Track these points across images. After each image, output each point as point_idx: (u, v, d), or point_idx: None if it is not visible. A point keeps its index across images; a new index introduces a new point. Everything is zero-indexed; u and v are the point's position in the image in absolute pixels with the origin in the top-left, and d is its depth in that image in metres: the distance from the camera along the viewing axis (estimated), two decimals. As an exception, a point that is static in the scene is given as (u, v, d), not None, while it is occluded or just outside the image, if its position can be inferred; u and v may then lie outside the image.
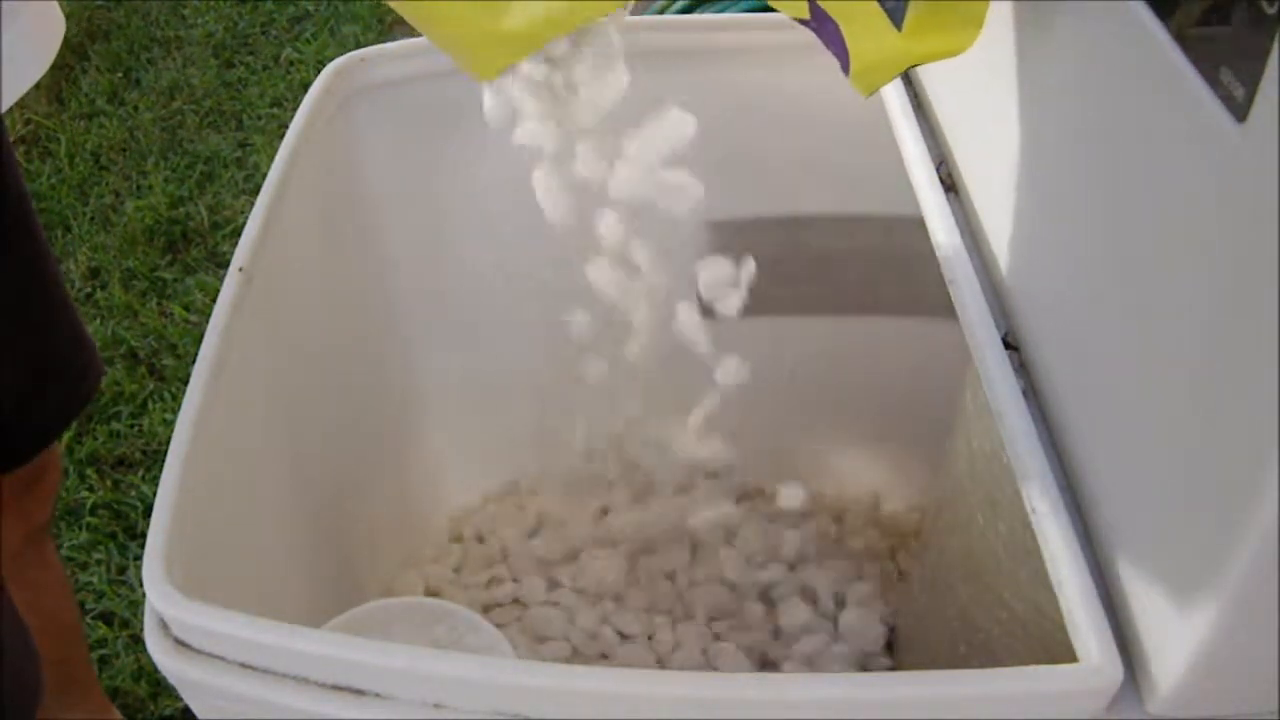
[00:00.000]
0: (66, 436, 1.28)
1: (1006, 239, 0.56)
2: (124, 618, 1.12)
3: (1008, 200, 0.56)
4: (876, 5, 0.49)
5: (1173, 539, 0.40)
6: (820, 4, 0.54)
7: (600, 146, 0.64)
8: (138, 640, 1.09)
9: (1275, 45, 0.33)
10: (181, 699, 0.52)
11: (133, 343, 1.41)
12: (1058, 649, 0.44)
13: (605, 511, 0.92)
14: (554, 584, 0.86)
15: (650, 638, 0.83)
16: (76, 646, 0.93)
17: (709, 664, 0.81)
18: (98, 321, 1.44)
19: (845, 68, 0.54)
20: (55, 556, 0.89)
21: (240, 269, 0.62)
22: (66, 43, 2.02)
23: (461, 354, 0.93)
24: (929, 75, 0.69)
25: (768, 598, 0.85)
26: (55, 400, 0.78)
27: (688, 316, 0.69)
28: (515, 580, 0.89)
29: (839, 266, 0.89)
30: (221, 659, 0.47)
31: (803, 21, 0.56)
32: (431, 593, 0.88)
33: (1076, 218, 0.48)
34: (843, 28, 0.52)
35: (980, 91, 0.58)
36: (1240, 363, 0.35)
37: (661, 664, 0.82)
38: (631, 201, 0.76)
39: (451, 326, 0.92)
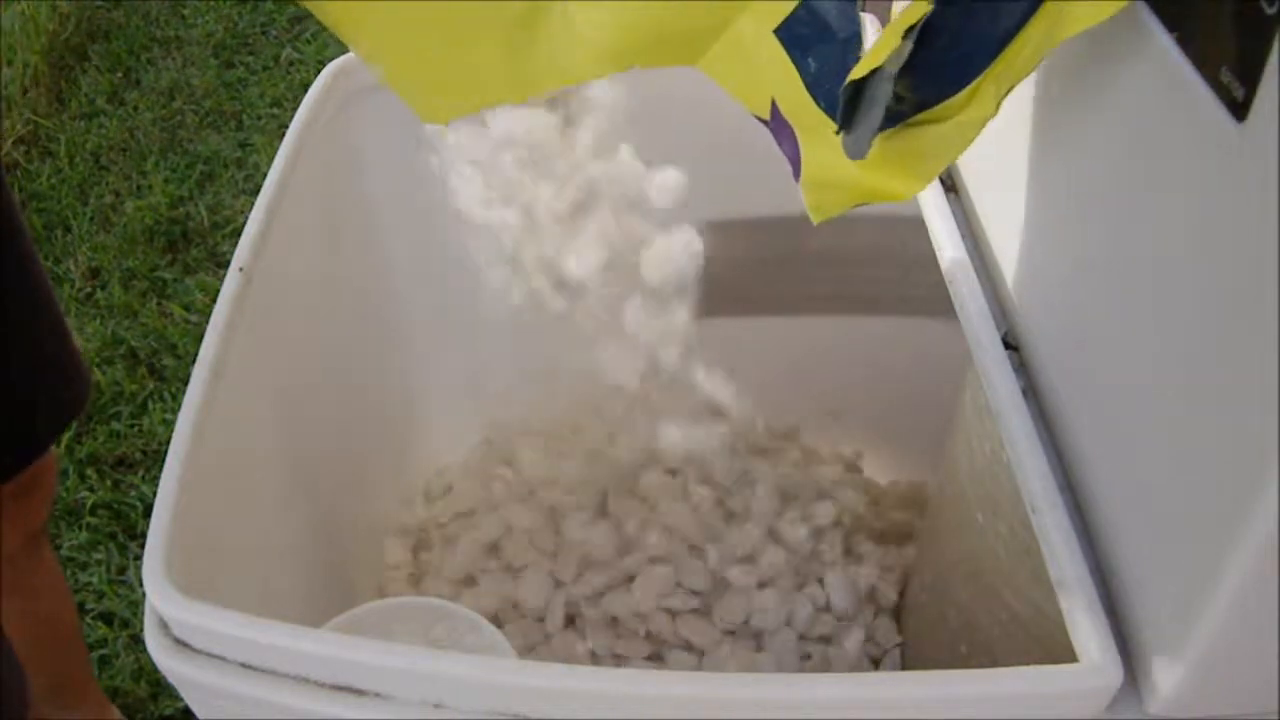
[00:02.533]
0: (66, 436, 1.28)
1: (1006, 239, 0.56)
2: (124, 618, 1.12)
3: (1008, 200, 0.56)
4: (832, 123, 0.47)
5: (1173, 539, 0.40)
6: (781, 110, 0.51)
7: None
8: (138, 640, 1.09)
9: (1275, 45, 0.33)
10: (181, 699, 0.52)
11: (133, 343, 1.41)
12: (1058, 649, 0.44)
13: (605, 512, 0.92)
14: (558, 583, 0.86)
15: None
16: (75, 648, 0.93)
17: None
18: (98, 321, 1.44)
19: (795, 174, 0.52)
20: (53, 560, 0.89)
21: (240, 269, 0.62)
22: (66, 43, 2.02)
23: (461, 354, 0.93)
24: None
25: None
26: (46, 410, 0.78)
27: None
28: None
29: (839, 266, 0.89)
30: (221, 659, 0.47)
31: (760, 120, 0.54)
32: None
33: (1076, 217, 0.48)
34: (799, 136, 0.50)
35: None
36: (1240, 362, 0.35)
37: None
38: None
39: (451, 326, 0.92)
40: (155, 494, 0.51)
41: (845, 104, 0.44)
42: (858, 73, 0.43)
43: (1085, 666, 0.42)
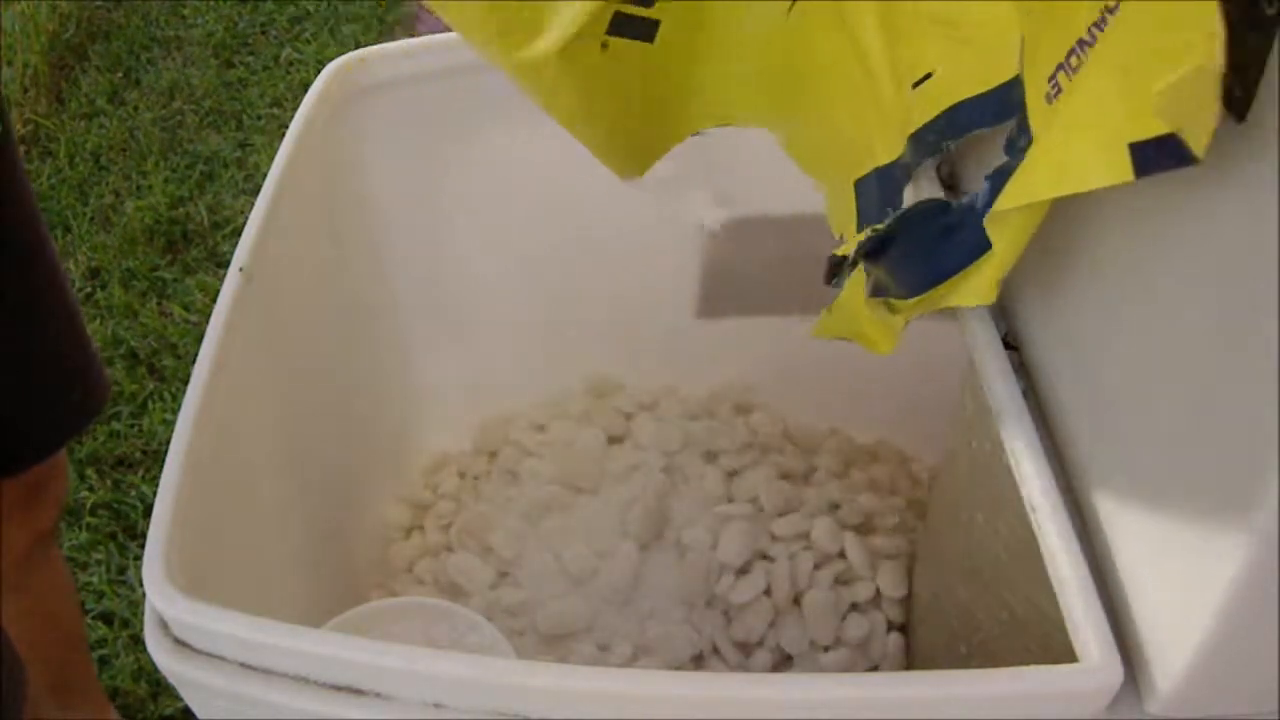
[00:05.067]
0: (66, 436, 1.28)
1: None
2: (124, 618, 1.12)
3: (1008, 200, 0.56)
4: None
5: (1173, 539, 0.40)
6: (846, 239, 0.61)
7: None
8: (138, 640, 1.09)
9: (1275, 45, 0.33)
10: (181, 699, 0.52)
11: (133, 343, 1.41)
12: (1058, 649, 0.44)
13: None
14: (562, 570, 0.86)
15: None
16: (78, 649, 0.94)
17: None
18: (98, 321, 1.44)
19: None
20: (61, 561, 0.89)
21: (240, 269, 0.62)
22: (66, 43, 2.02)
23: (461, 353, 0.93)
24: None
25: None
26: (60, 409, 0.78)
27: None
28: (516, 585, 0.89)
29: (839, 266, 0.89)
30: (221, 659, 0.47)
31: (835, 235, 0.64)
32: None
33: (1075, 218, 0.48)
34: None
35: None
36: (1240, 362, 0.35)
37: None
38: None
39: (451, 326, 0.92)
40: (155, 494, 0.51)
41: (829, 268, 0.57)
42: (839, 252, 0.55)
43: (1085, 666, 0.42)
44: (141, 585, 0.48)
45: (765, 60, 0.63)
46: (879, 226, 0.53)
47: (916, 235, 0.52)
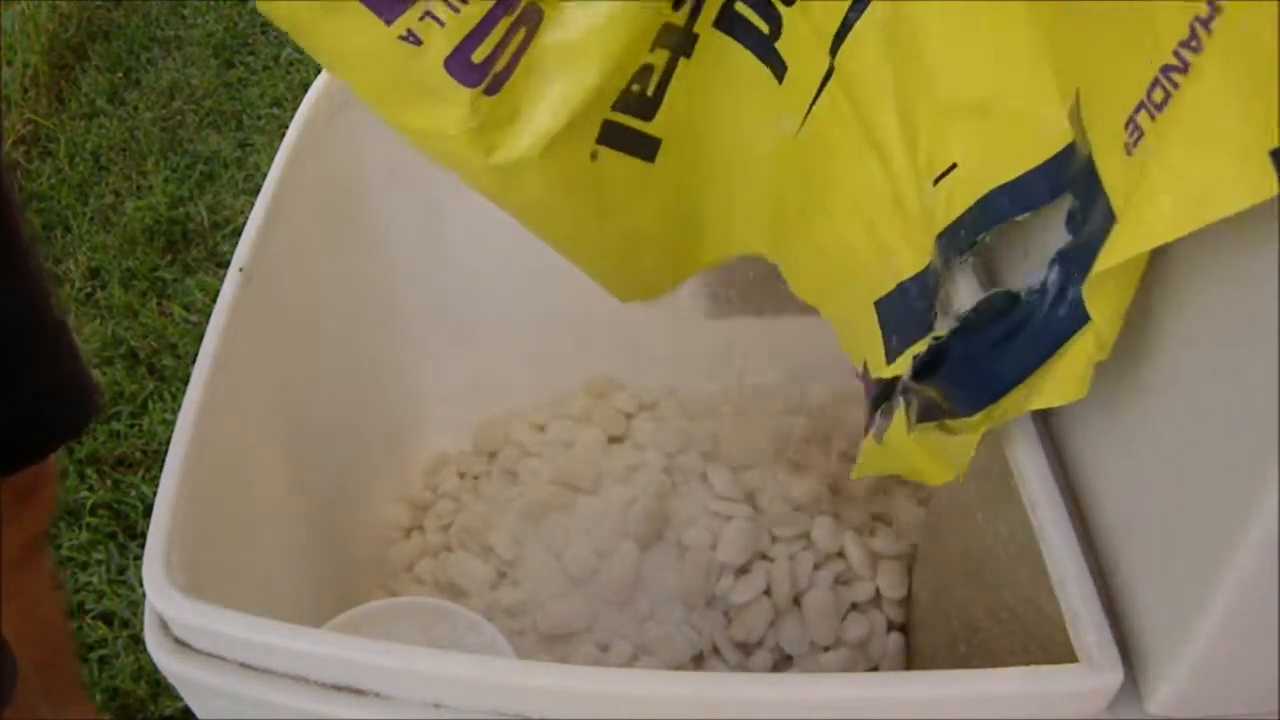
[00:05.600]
0: (66, 436, 1.28)
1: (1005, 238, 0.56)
2: (124, 618, 1.12)
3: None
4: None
5: (1173, 539, 0.40)
6: (869, 372, 0.57)
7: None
8: (138, 640, 1.09)
9: (1275, 45, 0.33)
10: (181, 699, 0.52)
11: (133, 343, 1.41)
12: (1058, 649, 0.44)
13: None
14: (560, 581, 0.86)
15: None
16: (67, 653, 0.93)
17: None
18: (97, 321, 1.44)
19: (865, 430, 0.56)
20: (51, 568, 0.89)
21: (240, 269, 0.62)
22: (66, 43, 2.02)
23: (461, 353, 0.93)
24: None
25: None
26: (52, 412, 0.78)
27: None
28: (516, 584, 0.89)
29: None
30: (221, 659, 0.47)
31: (858, 373, 0.60)
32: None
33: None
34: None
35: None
36: (1240, 362, 0.35)
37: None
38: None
39: (451, 326, 0.92)
40: (155, 494, 0.51)
41: (876, 396, 0.50)
42: (886, 373, 0.48)
43: (1085, 666, 0.42)
44: (141, 585, 0.48)
45: (775, 182, 0.59)
46: (939, 334, 0.46)
47: (976, 341, 0.46)
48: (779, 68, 0.55)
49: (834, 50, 0.52)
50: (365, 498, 0.88)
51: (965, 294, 0.49)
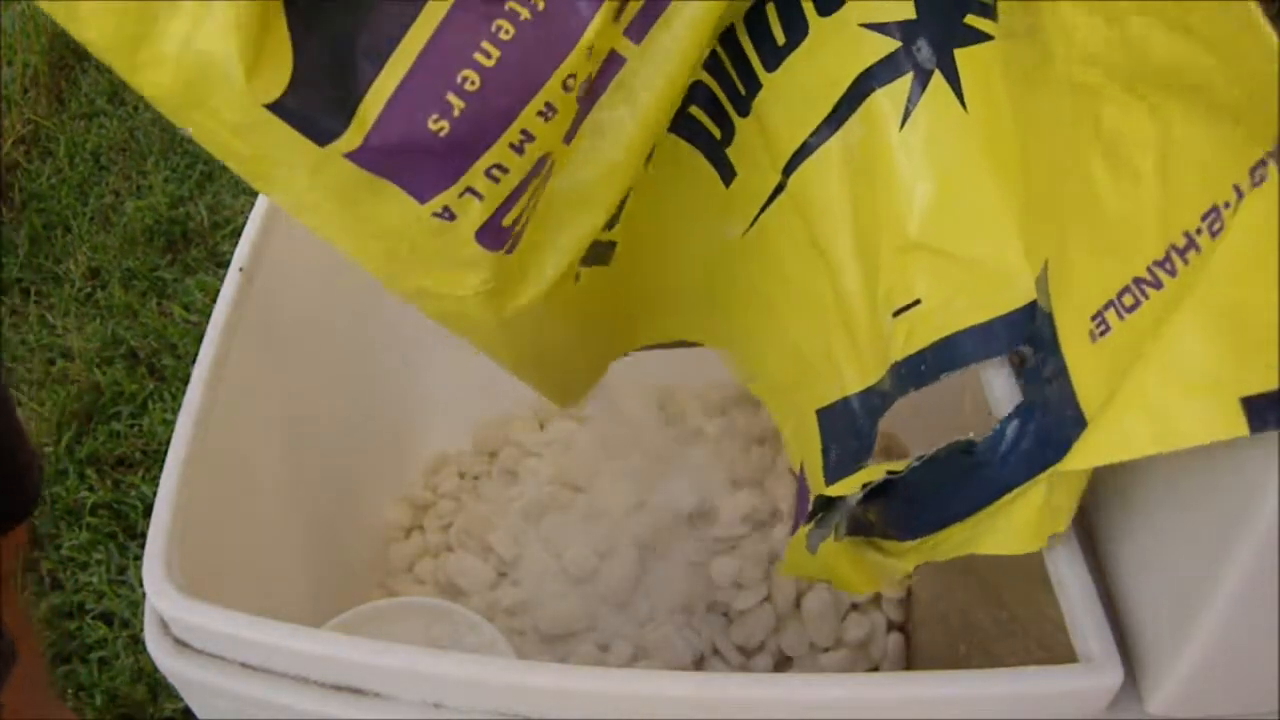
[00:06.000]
0: (66, 437, 1.28)
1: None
2: (124, 618, 1.12)
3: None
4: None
5: (1173, 539, 0.40)
6: (805, 474, 0.57)
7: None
8: (138, 640, 1.09)
9: (1275, 45, 0.33)
10: (181, 699, 0.52)
11: (133, 343, 1.41)
12: (1058, 649, 0.44)
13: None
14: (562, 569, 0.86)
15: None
16: (39, 690, 0.93)
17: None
18: (98, 321, 1.44)
19: (793, 529, 0.57)
20: (18, 601, 0.89)
21: (240, 269, 0.62)
22: (66, 43, 2.02)
23: (461, 353, 0.93)
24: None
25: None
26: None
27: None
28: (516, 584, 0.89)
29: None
30: (221, 659, 0.47)
31: (794, 472, 0.60)
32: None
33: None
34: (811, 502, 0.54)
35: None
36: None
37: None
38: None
39: (451, 326, 0.91)
40: (155, 494, 0.51)
41: (815, 508, 0.49)
42: (831, 491, 0.48)
43: (1085, 666, 0.42)
44: (141, 585, 0.48)
45: (716, 278, 0.59)
46: (896, 468, 0.46)
47: (932, 478, 0.46)
48: (727, 173, 0.54)
49: (787, 170, 0.51)
50: (365, 498, 0.88)
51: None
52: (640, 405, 0.96)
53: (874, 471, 0.47)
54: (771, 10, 0.49)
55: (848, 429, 0.52)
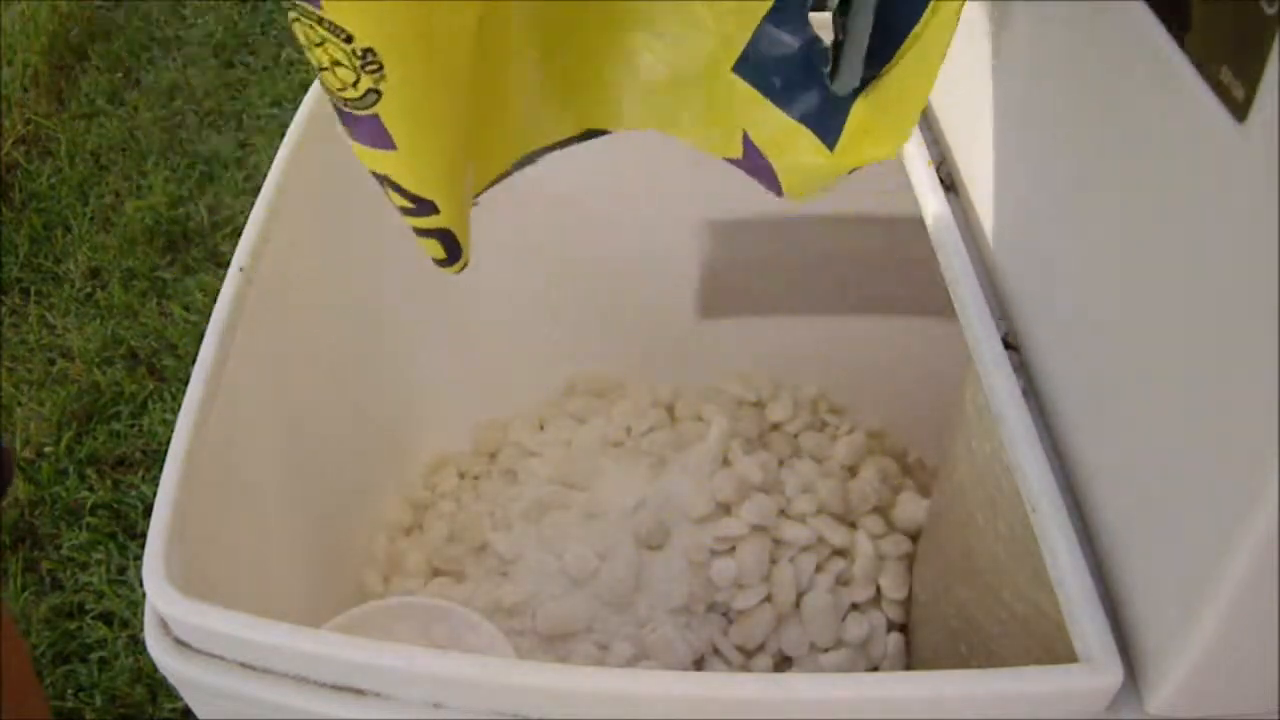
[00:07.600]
0: (66, 437, 1.28)
1: (1006, 239, 0.56)
2: (124, 618, 1.12)
3: (1007, 200, 0.56)
4: (808, 131, 0.49)
5: (1173, 539, 0.40)
6: (753, 140, 0.53)
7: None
8: (138, 640, 1.09)
9: (1275, 45, 0.33)
10: (181, 699, 0.52)
11: (133, 343, 1.41)
12: (1058, 649, 0.44)
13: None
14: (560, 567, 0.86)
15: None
16: (35, 704, 0.93)
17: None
18: (98, 321, 1.44)
19: (778, 192, 0.54)
20: (7, 614, 0.89)
21: (240, 269, 0.62)
22: (66, 43, 2.02)
23: (461, 353, 0.93)
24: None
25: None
26: None
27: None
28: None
29: (839, 266, 0.89)
30: (221, 659, 0.47)
31: (733, 161, 0.55)
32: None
33: (1076, 218, 0.48)
34: (774, 164, 0.52)
35: (980, 92, 0.58)
36: (1240, 362, 0.35)
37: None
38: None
39: (451, 326, 0.92)
40: (155, 494, 0.51)
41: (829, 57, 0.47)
42: (836, 88, 0.46)
43: (1085, 666, 0.42)
44: (141, 585, 0.48)
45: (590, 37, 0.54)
46: None
47: None
48: None
49: None
50: (365, 498, 0.88)
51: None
52: (640, 405, 0.96)
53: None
54: None
55: (775, 50, 0.50)
